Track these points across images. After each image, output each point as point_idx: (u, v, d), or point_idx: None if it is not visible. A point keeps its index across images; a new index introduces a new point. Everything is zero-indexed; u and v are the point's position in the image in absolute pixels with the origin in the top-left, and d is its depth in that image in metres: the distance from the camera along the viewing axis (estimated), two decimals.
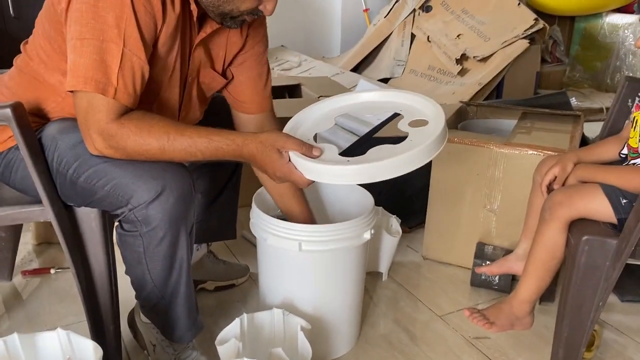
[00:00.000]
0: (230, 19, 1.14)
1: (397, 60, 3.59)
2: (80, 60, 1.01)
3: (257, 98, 1.36)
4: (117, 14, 1.01)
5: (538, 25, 3.21)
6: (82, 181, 1.09)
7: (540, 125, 1.87)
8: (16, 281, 1.72)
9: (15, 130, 1.06)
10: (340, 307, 1.39)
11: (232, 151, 1.08)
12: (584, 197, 1.21)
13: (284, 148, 1.10)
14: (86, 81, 1.01)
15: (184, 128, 1.07)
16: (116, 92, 1.02)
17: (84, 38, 1.01)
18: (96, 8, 1.00)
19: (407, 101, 1.28)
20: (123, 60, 1.02)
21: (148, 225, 1.08)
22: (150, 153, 1.05)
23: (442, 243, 1.83)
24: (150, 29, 1.05)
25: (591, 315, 1.19)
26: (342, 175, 1.09)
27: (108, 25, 1.01)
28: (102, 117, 1.02)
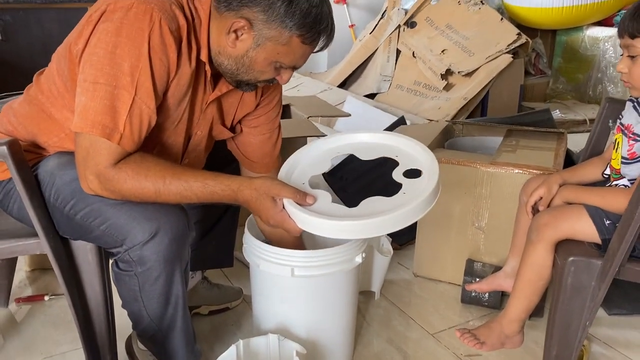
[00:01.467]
0: (245, 85, 1.18)
1: (383, 75, 3.64)
2: (91, 103, 1.03)
3: (265, 160, 1.40)
4: (132, 63, 1.03)
5: (521, 40, 3.28)
6: (79, 218, 1.11)
7: (525, 143, 1.91)
8: (11, 307, 1.72)
9: (12, 166, 1.07)
10: (334, 330, 1.41)
11: (227, 196, 1.10)
12: (569, 218, 1.25)
13: (279, 196, 1.12)
14: (94, 125, 1.03)
15: (181, 172, 1.08)
16: (121, 138, 1.04)
17: (97, 82, 1.03)
18: (113, 55, 1.02)
19: (402, 146, 1.30)
20: (132, 108, 1.04)
21: (143, 265, 1.09)
22: (146, 196, 1.07)
23: (432, 260, 1.87)
24: (162, 79, 1.08)
25: (579, 334, 1.22)
26: (335, 229, 1.11)
27: (123, 72, 1.03)
28: (102, 160, 1.04)
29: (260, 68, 1.12)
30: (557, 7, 3.59)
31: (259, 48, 1.09)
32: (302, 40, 1.08)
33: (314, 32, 1.08)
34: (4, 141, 1.07)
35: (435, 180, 1.16)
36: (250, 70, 1.13)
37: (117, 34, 1.02)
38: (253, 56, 1.10)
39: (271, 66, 1.12)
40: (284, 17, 1.04)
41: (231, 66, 1.13)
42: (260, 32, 1.07)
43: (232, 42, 1.09)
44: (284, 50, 1.09)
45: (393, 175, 1.22)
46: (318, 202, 1.16)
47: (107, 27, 1.03)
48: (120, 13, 1.03)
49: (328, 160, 1.31)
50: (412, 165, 1.23)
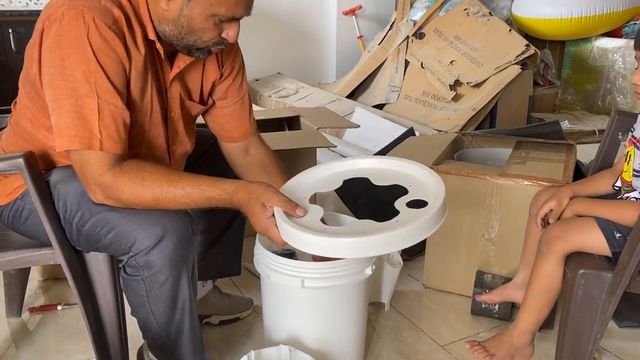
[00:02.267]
0: (196, 50, 1.16)
1: (392, 86, 3.66)
2: (61, 121, 1.05)
3: (242, 127, 1.40)
4: (84, 70, 1.04)
5: (529, 51, 3.29)
6: (87, 229, 1.13)
7: (534, 155, 1.91)
8: (24, 317, 1.74)
9: (28, 178, 1.10)
10: (345, 341, 1.42)
11: (224, 200, 1.11)
12: (579, 231, 1.25)
13: (268, 202, 1.11)
14: (71, 140, 1.05)
15: (178, 178, 1.09)
16: (102, 144, 1.06)
17: (59, 99, 1.05)
18: (63, 68, 1.04)
19: (416, 174, 1.27)
20: (101, 112, 1.05)
21: (149, 270, 1.11)
22: (146, 204, 1.09)
23: (442, 272, 1.87)
24: (119, 75, 1.08)
25: (589, 347, 1.22)
26: (316, 245, 1.09)
27: (78, 82, 1.04)
28: (95, 170, 1.06)
29: (200, 25, 1.10)
30: (566, 18, 3.61)
31: (191, 3, 1.07)
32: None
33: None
34: (20, 154, 1.09)
35: (431, 214, 1.09)
36: (191, 30, 1.11)
37: (59, 47, 1.04)
38: (188, 14, 1.09)
39: (210, 21, 1.10)
40: None
41: (172, 31, 1.12)
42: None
43: (165, 3, 1.09)
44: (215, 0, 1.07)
45: (395, 204, 1.18)
46: (307, 216, 1.15)
47: (49, 45, 1.05)
48: (56, 26, 1.04)
49: (340, 181, 1.30)
50: (420, 196, 1.20)
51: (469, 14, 3.60)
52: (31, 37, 1.12)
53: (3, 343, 1.62)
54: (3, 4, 3.66)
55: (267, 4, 4.11)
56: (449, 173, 1.76)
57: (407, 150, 2.14)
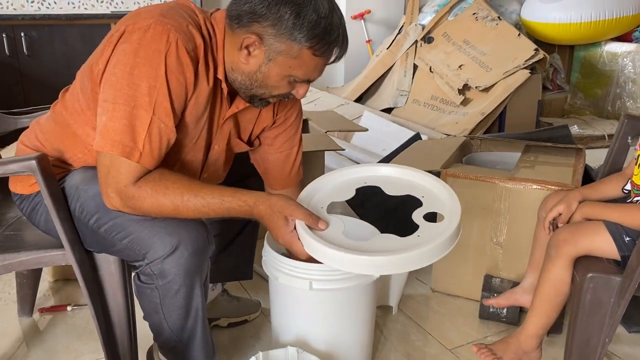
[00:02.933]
0: (258, 101, 1.20)
1: (400, 90, 3.66)
2: (111, 123, 1.06)
3: (284, 176, 1.42)
4: (150, 84, 1.05)
5: (538, 55, 3.28)
6: (102, 232, 1.14)
7: (543, 159, 1.91)
8: (35, 317, 1.75)
9: (40, 180, 1.11)
10: (352, 344, 1.42)
11: (244, 212, 1.12)
12: (588, 234, 1.25)
13: (291, 216, 1.13)
14: (114, 144, 1.06)
15: (199, 189, 1.10)
16: (141, 157, 1.07)
17: (116, 102, 1.06)
18: (132, 76, 1.05)
19: (428, 184, 1.29)
20: (151, 127, 1.07)
21: (164, 278, 1.12)
22: (165, 213, 1.10)
23: (450, 276, 1.86)
24: (180, 98, 1.10)
25: (598, 351, 1.22)
26: (340, 260, 1.11)
27: (141, 93, 1.05)
28: (122, 179, 1.07)
29: (274, 83, 1.13)
30: (575, 22, 3.60)
31: (271, 63, 1.10)
32: (313, 52, 1.08)
33: (324, 44, 1.08)
34: (33, 156, 1.11)
35: (453, 229, 1.13)
36: (263, 85, 1.14)
37: (135, 55, 1.05)
38: (266, 71, 1.11)
39: (285, 80, 1.13)
40: (292, 29, 1.05)
41: (245, 82, 1.14)
42: (270, 47, 1.08)
43: (245, 58, 1.11)
44: (295, 63, 1.09)
45: (413, 217, 1.21)
46: (330, 228, 1.17)
47: (126, 48, 1.06)
48: (138, 34, 1.06)
49: (352, 189, 1.31)
50: (434, 209, 1.22)
51: (478, 18, 3.61)
52: (108, 35, 1.14)
53: (14, 342, 1.63)
54: (15, 8, 3.71)
55: None
56: (457, 177, 1.76)
57: (415, 154, 2.14)
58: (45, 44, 3.40)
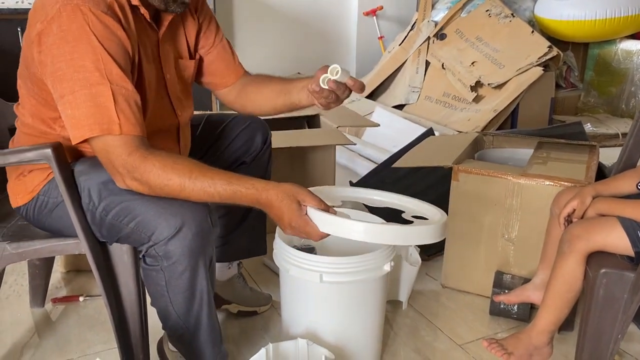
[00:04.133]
0: (172, 2, 1.19)
1: (412, 86, 3.65)
2: (77, 112, 1.07)
3: (230, 67, 1.47)
4: (92, 58, 1.06)
5: (552, 52, 3.25)
6: (110, 219, 1.15)
7: (556, 155, 1.90)
8: (47, 308, 1.77)
9: (55, 169, 1.12)
10: (362, 337, 1.42)
11: (250, 195, 1.11)
12: (602, 230, 1.24)
13: (304, 202, 1.14)
14: (91, 128, 1.07)
15: (207, 169, 1.11)
16: (121, 128, 1.08)
17: (73, 91, 1.07)
18: (73, 61, 1.06)
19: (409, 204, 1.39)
20: (115, 97, 1.07)
21: (169, 259, 1.13)
22: (171, 189, 1.09)
23: (461, 272, 1.86)
24: (124, 58, 1.11)
25: (610, 347, 1.21)
26: (355, 230, 1.14)
27: (89, 71, 1.06)
28: (121, 152, 1.08)
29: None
30: (590, 20, 3.56)
31: None
32: None
33: None
34: (48, 144, 1.12)
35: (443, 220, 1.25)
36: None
37: (65, 42, 1.06)
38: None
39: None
40: None
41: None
42: None
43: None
44: None
45: (403, 216, 1.32)
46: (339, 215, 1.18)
47: (54, 42, 1.07)
48: (56, 24, 1.07)
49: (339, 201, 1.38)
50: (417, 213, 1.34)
51: (491, 15, 3.58)
52: (25, 36, 1.14)
53: (27, 332, 1.65)
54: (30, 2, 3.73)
55: (288, 4, 4.13)
56: (469, 172, 1.76)
57: (427, 149, 2.14)
58: None
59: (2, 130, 1.55)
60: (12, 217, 1.39)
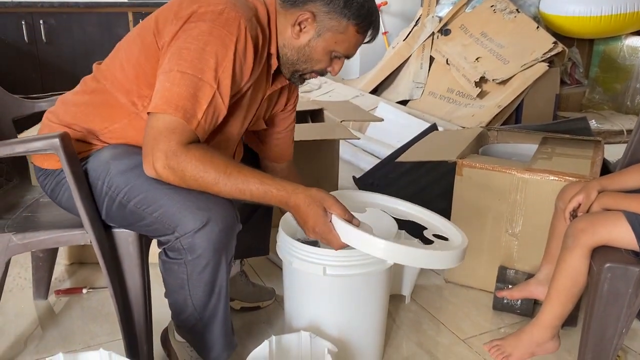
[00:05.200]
0: (298, 77, 1.29)
1: (416, 82, 3.64)
2: (176, 89, 1.10)
3: (287, 151, 1.54)
4: (218, 61, 1.11)
5: (557, 48, 3.25)
6: (132, 206, 1.15)
7: (561, 151, 1.89)
8: (50, 300, 1.78)
9: (63, 158, 1.12)
10: (365, 330, 1.42)
11: (281, 197, 1.14)
12: (606, 224, 1.24)
13: (330, 209, 1.15)
14: (177, 108, 1.09)
15: (241, 167, 1.14)
16: (198, 126, 1.11)
17: (185, 72, 1.10)
18: (203, 51, 1.11)
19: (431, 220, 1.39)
20: (212, 101, 1.12)
21: (193, 253, 1.13)
22: (205, 182, 1.10)
23: (464, 267, 1.83)
24: (237, 82, 1.17)
25: (614, 342, 1.21)
26: (375, 247, 1.15)
27: (209, 67, 1.11)
28: (175, 138, 1.09)
29: (318, 57, 1.24)
30: (595, 16, 3.55)
31: (320, 38, 1.21)
32: (357, 29, 1.21)
33: (367, 22, 1.22)
34: (56, 134, 1.12)
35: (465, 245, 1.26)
36: (309, 59, 1.24)
37: (209, 33, 1.11)
38: (314, 45, 1.22)
39: (328, 55, 1.24)
40: (344, 8, 1.18)
41: (293, 57, 1.25)
42: (322, 23, 1.20)
43: (297, 33, 1.22)
44: (341, 38, 1.21)
45: (425, 233, 1.32)
46: (362, 226, 1.19)
47: (200, 26, 1.12)
48: (212, 15, 1.12)
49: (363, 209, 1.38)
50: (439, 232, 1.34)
51: (496, 10, 3.57)
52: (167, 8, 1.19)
53: (30, 324, 1.66)
54: None
55: None
56: (473, 167, 1.75)
57: (431, 144, 2.14)
58: (63, 32, 3.43)
59: (6, 122, 1.55)
60: (17, 208, 1.40)
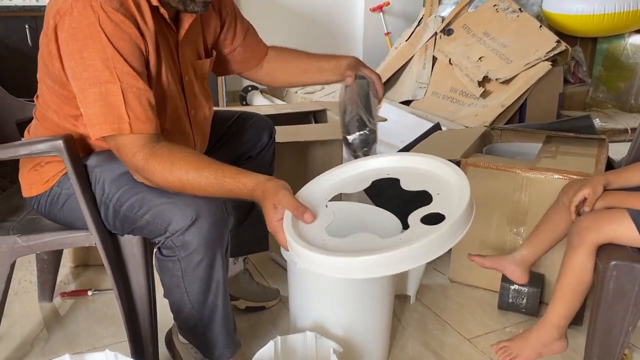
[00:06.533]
0: (191, 2, 1.17)
1: (419, 82, 3.64)
2: (89, 110, 1.08)
3: (256, 52, 1.50)
4: (102, 57, 1.06)
5: (560, 47, 3.24)
6: (125, 210, 1.16)
7: (565, 149, 1.89)
8: (55, 302, 1.78)
9: (67, 160, 1.13)
10: (370, 331, 1.42)
11: (244, 194, 1.09)
12: (611, 222, 1.23)
13: (279, 205, 1.06)
14: (102, 127, 1.08)
15: (204, 167, 1.09)
16: (131, 127, 1.08)
17: (84, 90, 1.07)
18: (82, 60, 1.06)
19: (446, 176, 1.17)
20: (125, 95, 1.07)
21: (186, 250, 1.13)
22: (174, 188, 1.11)
23: (468, 266, 1.84)
24: (136, 56, 1.10)
25: (620, 340, 1.20)
26: (314, 262, 1.00)
27: (98, 70, 1.06)
28: (128, 152, 1.09)
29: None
30: (598, 14, 3.54)
31: None
32: None
33: None
34: (59, 136, 1.13)
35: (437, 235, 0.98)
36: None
37: (75, 39, 1.06)
38: None
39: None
40: None
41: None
42: None
43: None
44: None
45: (409, 219, 1.07)
46: (316, 222, 1.08)
47: (65, 38, 1.07)
48: (67, 19, 1.06)
49: (369, 180, 1.23)
50: (442, 210, 1.07)
51: (499, 10, 3.57)
52: (42, 33, 1.14)
53: (35, 327, 1.66)
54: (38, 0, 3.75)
55: (294, 0, 4.13)
56: (477, 166, 1.75)
57: (434, 143, 2.13)
58: None
59: (10, 125, 1.56)
60: (22, 211, 1.40)
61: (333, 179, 1.24)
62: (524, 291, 1.68)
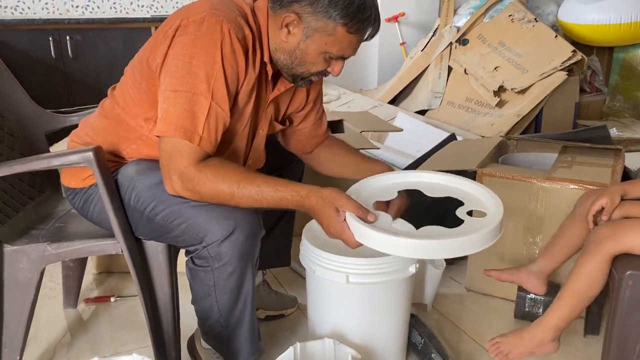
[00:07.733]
0: (300, 80, 1.28)
1: (434, 92, 3.66)
2: (172, 109, 1.13)
3: (315, 138, 1.54)
4: (208, 71, 1.13)
5: (576, 57, 3.24)
6: (159, 219, 1.20)
7: (581, 159, 1.90)
8: (80, 308, 1.83)
9: (96, 171, 1.17)
10: (387, 338, 1.44)
11: (296, 202, 1.16)
12: (629, 232, 1.25)
13: (342, 207, 1.16)
14: (176, 128, 1.13)
15: (254, 177, 1.16)
16: (201, 140, 1.14)
17: (177, 90, 1.13)
18: (190, 65, 1.13)
19: (468, 189, 1.33)
20: (209, 112, 1.14)
21: (220, 261, 1.17)
22: (222, 198, 1.15)
23: (485, 275, 1.86)
24: (233, 85, 1.18)
25: (637, 349, 1.21)
26: (389, 244, 1.13)
27: (199, 80, 1.13)
28: (183, 161, 1.13)
29: (311, 59, 1.21)
30: (615, 23, 3.54)
31: (308, 40, 1.18)
32: (347, 29, 1.16)
33: (357, 21, 1.16)
34: (90, 148, 1.17)
35: (499, 220, 1.18)
36: (302, 62, 1.22)
37: (192, 45, 1.13)
38: (304, 48, 1.19)
39: (321, 57, 1.21)
40: (328, 7, 1.14)
41: (286, 60, 1.23)
42: (308, 25, 1.17)
43: (285, 36, 1.20)
44: (330, 40, 1.17)
45: (457, 212, 1.24)
46: (379, 221, 1.19)
47: (183, 40, 1.14)
48: (194, 26, 1.14)
49: (394, 191, 1.34)
50: (477, 207, 1.27)
51: (514, 20, 3.58)
52: (156, 32, 1.22)
53: (60, 331, 1.71)
54: (61, 13, 3.85)
55: None
56: (493, 176, 1.77)
57: (450, 153, 2.15)
58: (89, 47, 3.53)
59: (39, 137, 1.61)
60: (51, 219, 1.45)
61: (367, 188, 1.34)
62: (540, 300, 1.69)
